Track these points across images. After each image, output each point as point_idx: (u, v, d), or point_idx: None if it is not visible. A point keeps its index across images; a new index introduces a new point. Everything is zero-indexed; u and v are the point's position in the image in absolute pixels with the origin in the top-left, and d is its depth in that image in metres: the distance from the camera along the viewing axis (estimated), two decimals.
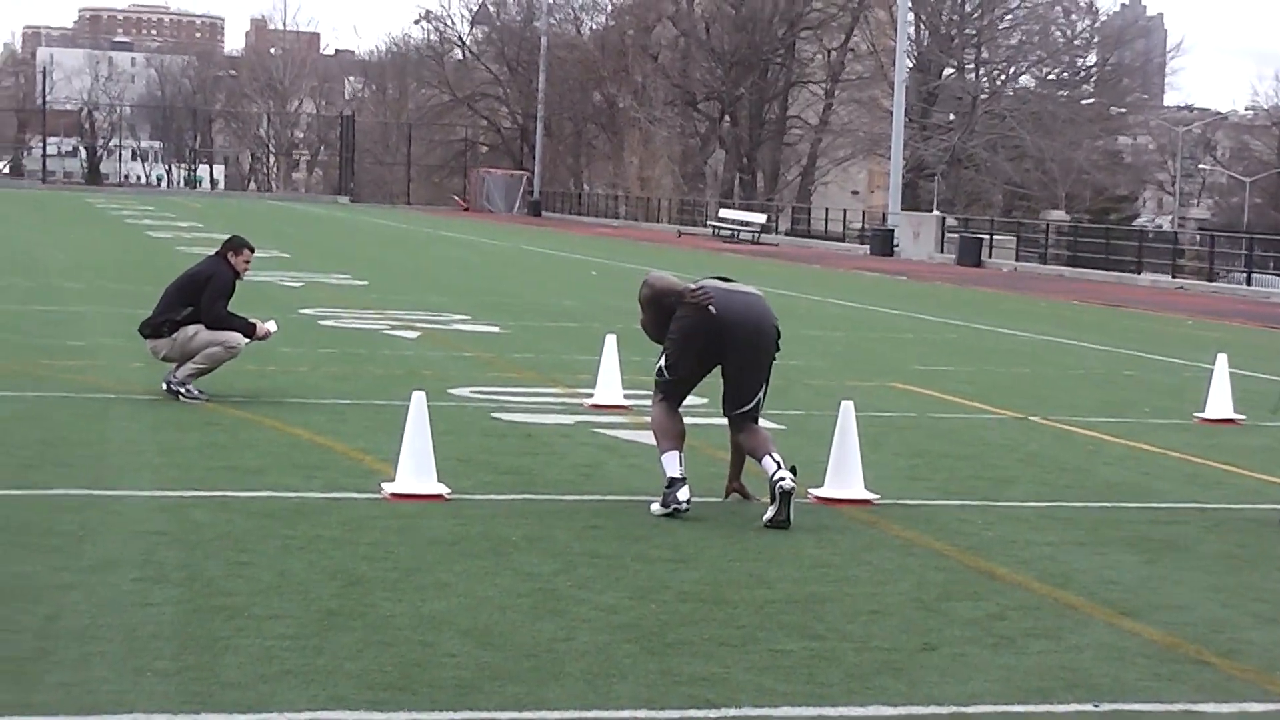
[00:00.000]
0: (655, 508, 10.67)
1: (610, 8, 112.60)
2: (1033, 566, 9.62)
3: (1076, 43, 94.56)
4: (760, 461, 10.63)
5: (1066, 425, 15.97)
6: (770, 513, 10.39)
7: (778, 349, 11.15)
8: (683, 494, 10.56)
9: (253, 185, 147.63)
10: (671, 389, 11.02)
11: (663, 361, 11.04)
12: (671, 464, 10.69)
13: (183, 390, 14.72)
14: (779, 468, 10.44)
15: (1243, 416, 16.92)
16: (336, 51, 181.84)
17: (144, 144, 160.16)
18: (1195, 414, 17.03)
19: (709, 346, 10.90)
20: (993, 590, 9.00)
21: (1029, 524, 10.94)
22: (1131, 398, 18.91)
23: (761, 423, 11.06)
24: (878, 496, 11.35)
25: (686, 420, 11.19)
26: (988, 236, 61.32)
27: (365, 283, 32.59)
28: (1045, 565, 9.67)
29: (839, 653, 7.62)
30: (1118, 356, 24.32)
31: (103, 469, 11.43)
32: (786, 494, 10.35)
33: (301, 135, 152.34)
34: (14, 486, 10.62)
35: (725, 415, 11.07)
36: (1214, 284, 50.42)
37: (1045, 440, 15.00)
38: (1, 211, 63.66)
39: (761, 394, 10.99)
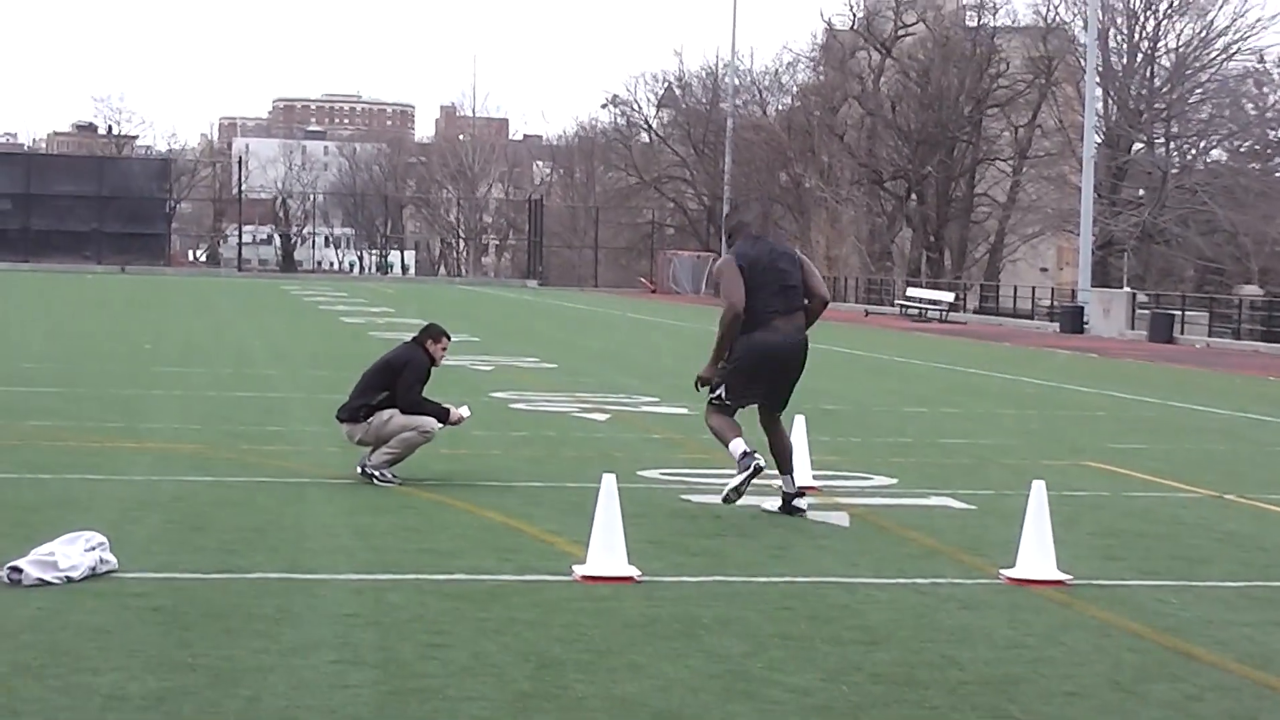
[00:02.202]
0: (732, 484, 13.38)
1: (795, 89, 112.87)
2: (1231, 647, 9.49)
3: (1269, 115, 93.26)
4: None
5: (1264, 504, 15.73)
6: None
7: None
8: (760, 459, 13.18)
9: (443, 270, 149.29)
10: (731, 409, 13.78)
11: (723, 391, 13.70)
12: (739, 445, 13.31)
13: (377, 474, 14.94)
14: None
15: None
16: (525, 137, 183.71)
17: (336, 231, 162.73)
18: None
19: (770, 378, 13.73)
20: (1190, 671, 8.90)
21: (1226, 604, 10.80)
22: None
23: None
24: (1071, 576, 11.26)
25: (875, 500, 11.35)
26: (1179, 312, 60.58)
27: (555, 365, 32.84)
28: (1244, 646, 9.54)
29: None
30: None
31: (300, 553, 11.62)
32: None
33: (490, 220, 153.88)
34: (218, 570, 10.85)
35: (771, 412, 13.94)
36: None
37: (1242, 519, 14.79)
38: (201, 299, 64.94)
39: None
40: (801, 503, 13.82)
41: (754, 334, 13.58)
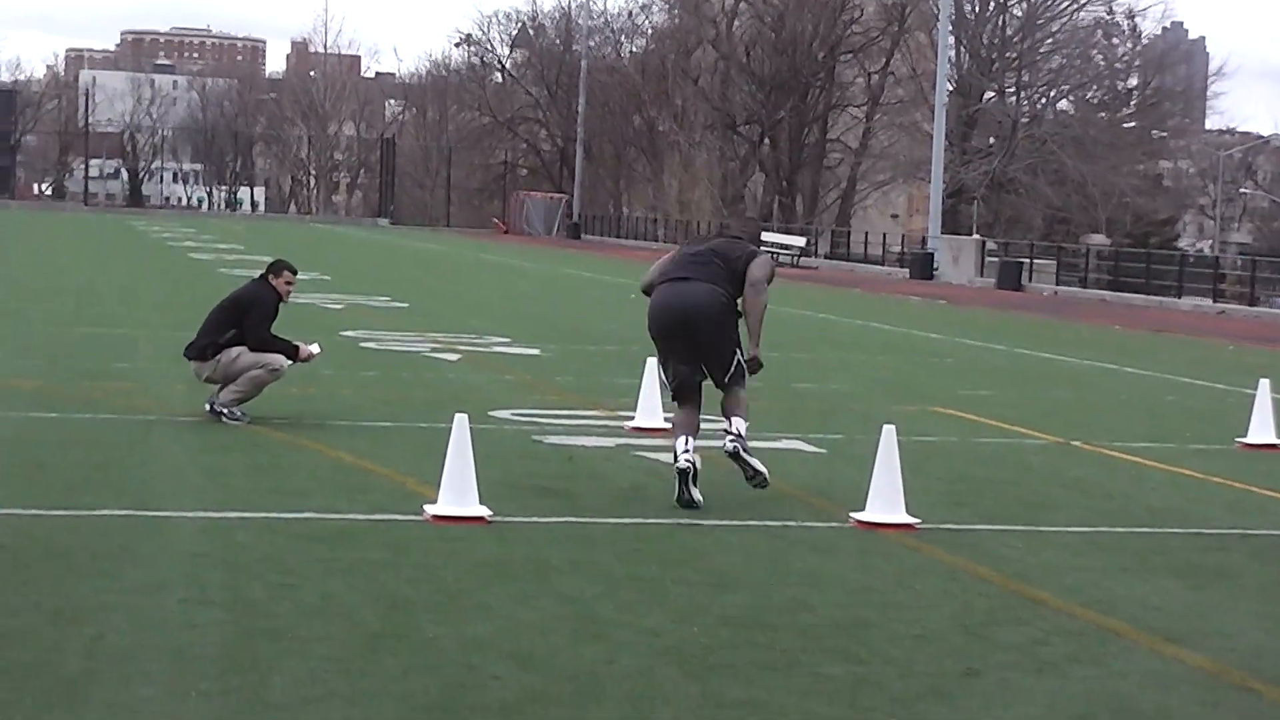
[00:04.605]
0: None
1: (650, 31, 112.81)
2: (1076, 593, 9.59)
3: (1118, 66, 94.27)
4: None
5: (1108, 450, 15.92)
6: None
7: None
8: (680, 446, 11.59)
9: (293, 208, 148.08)
10: (674, 394, 12.06)
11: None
12: (680, 443, 11.59)
13: (225, 412, 14.78)
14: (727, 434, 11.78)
15: None
16: (377, 74, 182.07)
17: (185, 167, 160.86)
18: (1237, 439, 16.94)
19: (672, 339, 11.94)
20: (1036, 616, 8.99)
21: (1072, 550, 10.92)
22: (1173, 423, 18.85)
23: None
24: (920, 521, 11.33)
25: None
26: (1028, 260, 61.21)
27: (406, 305, 32.68)
28: (1089, 591, 9.65)
29: (882, 677, 7.62)
30: (1159, 381, 24.25)
31: (147, 491, 11.48)
32: (730, 455, 11.69)
33: (342, 158, 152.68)
34: (61, 508, 10.68)
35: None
36: (1255, 308, 50.21)
37: (1087, 466, 14.96)
38: (45, 234, 64.00)
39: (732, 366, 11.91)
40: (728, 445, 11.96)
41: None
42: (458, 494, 10.83)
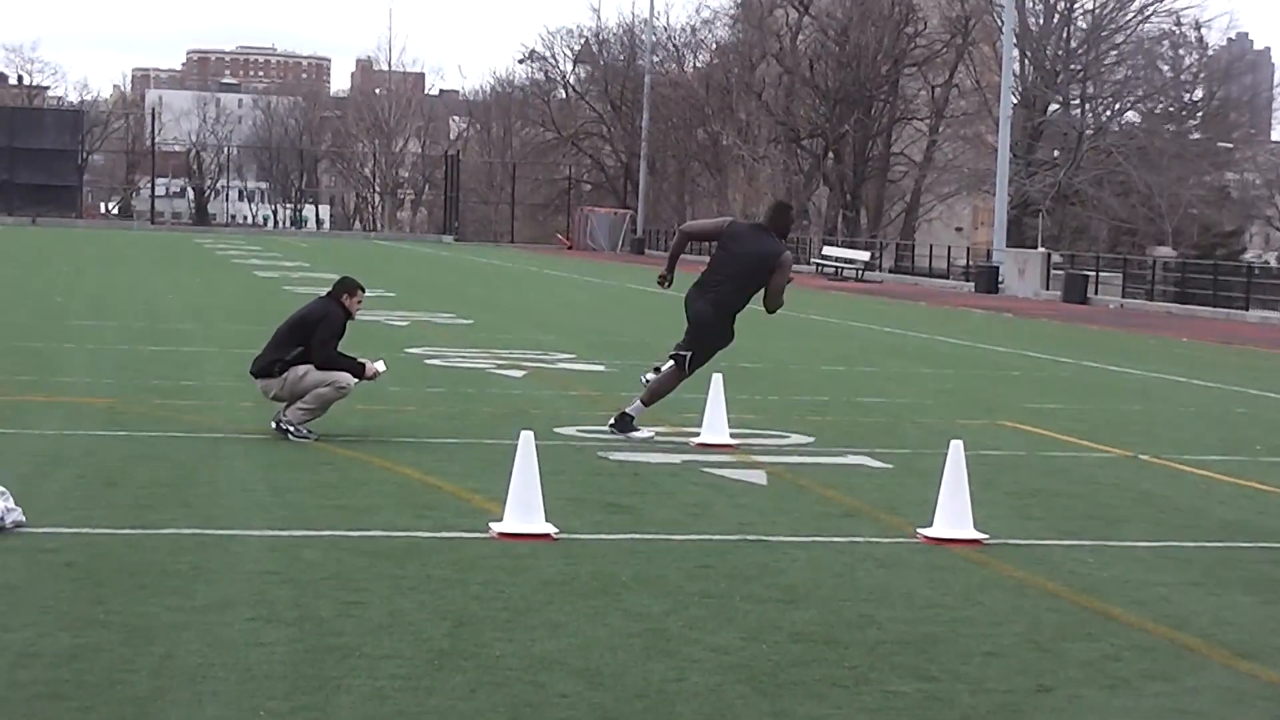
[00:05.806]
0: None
1: (714, 46, 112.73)
2: (1148, 607, 9.52)
3: (1183, 77, 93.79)
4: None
5: (1178, 464, 15.81)
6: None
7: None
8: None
9: (358, 225, 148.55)
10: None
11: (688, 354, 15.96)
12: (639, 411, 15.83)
13: (292, 430, 14.82)
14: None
15: None
16: (441, 91, 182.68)
17: (251, 184, 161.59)
18: None
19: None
20: (1107, 631, 8.92)
21: (1143, 564, 10.84)
22: (1243, 436, 18.70)
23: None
24: (988, 536, 11.27)
25: (793, 459, 11.29)
26: (1093, 273, 60.89)
27: (471, 321, 32.71)
28: (1160, 606, 9.57)
29: (953, 694, 7.57)
30: (1228, 394, 24.08)
31: (215, 509, 11.51)
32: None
33: (406, 175, 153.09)
34: (132, 526, 10.72)
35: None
36: None
37: (1157, 479, 14.86)
38: (113, 252, 64.37)
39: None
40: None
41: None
42: (524, 511, 10.83)
